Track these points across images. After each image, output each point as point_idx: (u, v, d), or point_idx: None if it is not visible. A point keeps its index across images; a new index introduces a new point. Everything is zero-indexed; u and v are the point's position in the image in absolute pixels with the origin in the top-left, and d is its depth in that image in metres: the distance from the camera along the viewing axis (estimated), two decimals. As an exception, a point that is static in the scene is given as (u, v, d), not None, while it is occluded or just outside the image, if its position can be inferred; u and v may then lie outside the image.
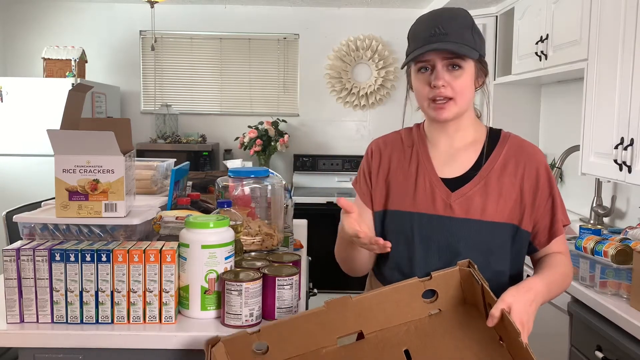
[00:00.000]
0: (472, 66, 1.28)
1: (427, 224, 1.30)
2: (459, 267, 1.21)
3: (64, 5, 4.49)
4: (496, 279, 1.27)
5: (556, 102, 3.43)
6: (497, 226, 1.27)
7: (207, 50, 4.60)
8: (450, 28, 1.24)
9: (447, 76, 1.25)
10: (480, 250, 1.27)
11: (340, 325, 1.17)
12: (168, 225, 1.53)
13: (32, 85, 3.75)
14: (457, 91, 1.26)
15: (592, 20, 2.30)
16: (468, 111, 1.33)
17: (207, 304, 1.35)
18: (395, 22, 4.50)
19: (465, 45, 1.24)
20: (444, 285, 1.21)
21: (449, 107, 1.27)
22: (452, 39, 1.23)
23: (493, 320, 1.10)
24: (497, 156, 1.32)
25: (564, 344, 2.04)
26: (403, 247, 1.32)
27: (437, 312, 1.21)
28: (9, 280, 1.32)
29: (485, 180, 1.30)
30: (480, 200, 1.28)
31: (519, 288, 1.16)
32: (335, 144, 4.63)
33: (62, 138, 1.43)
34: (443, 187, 1.31)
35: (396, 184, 1.37)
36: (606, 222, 2.75)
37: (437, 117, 1.29)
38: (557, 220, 1.31)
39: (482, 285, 1.15)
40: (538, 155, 1.33)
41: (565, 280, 1.30)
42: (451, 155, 1.35)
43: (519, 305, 1.12)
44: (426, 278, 1.20)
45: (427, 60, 1.26)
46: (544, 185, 1.31)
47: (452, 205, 1.29)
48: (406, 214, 1.32)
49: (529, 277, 1.25)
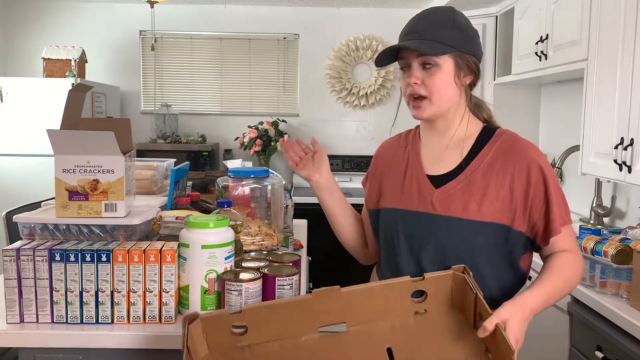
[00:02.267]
0: (449, 63, 1.27)
1: (409, 221, 1.31)
2: (453, 271, 1.19)
3: (64, 5, 4.49)
4: (479, 280, 1.23)
5: (556, 102, 3.43)
6: (481, 225, 1.24)
7: (207, 50, 4.60)
8: (423, 26, 1.26)
9: (421, 74, 1.27)
10: (461, 249, 1.26)
11: (324, 316, 1.15)
12: (168, 225, 1.53)
13: (32, 85, 3.75)
14: (431, 89, 1.27)
15: (592, 20, 2.30)
16: (457, 108, 1.33)
17: (207, 304, 1.35)
18: (395, 22, 4.48)
19: (437, 42, 1.24)
20: (434, 287, 1.19)
21: (424, 106, 1.29)
22: (422, 37, 1.24)
23: (485, 332, 1.08)
24: (485, 154, 1.30)
25: (564, 344, 2.04)
26: (390, 243, 1.35)
27: (423, 312, 1.20)
28: (9, 280, 1.32)
29: (470, 179, 1.28)
30: (461, 198, 1.26)
31: (515, 304, 1.14)
32: (335, 144, 4.63)
33: (62, 138, 1.43)
34: (428, 183, 1.31)
35: (387, 182, 1.40)
36: (606, 222, 2.75)
37: (415, 116, 1.33)
38: (553, 219, 1.25)
39: (476, 294, 1.14)
40: (529, 153, 1.28)
41: (569, 285, 1.26)
42: (440, 153, 1.35)
43: (514, 322, 1.11)
44: (419, 278, 1.19)
45: (403, 58, 1.30)
46: (537, 183, 1.25)
47: (433, 202, 1.28)
48: (392, 210, 1.35)
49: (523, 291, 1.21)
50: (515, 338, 1.10)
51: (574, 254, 1.29)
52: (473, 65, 1.30)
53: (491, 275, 1.27)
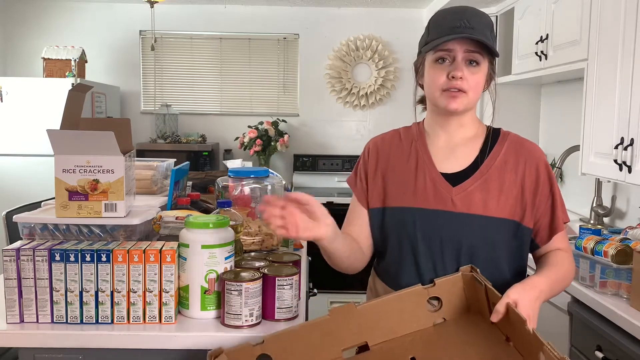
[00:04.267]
0: (486, 65, 1.30)
1: (428, 219, 1.30)
2: (462, 272, 1.21)
3: (64, 5, 4.49)
4: (499, 275, 1.28)
5: (556, 102, 3.43)
6: (499, 222, 1.28)
7: (207, 50, 4.60)
8: (476, 23, 1.25)
9: (465, 70, 1.27)
10: (483, 246, 1.28)
11: (345, 336, 1.17)
12: (168, 225, 1.53)
13: (32, 85, 3.75)
14: (472, 86, 1.28)
15: (592, 20, 2.30)
16: (472, 108, 1.35)
17: (207, 304, 1.35)
18: (395, 22, 4.50)
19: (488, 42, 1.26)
20: (447, 292, 1.21)
21: (461, 98, 1.28)
22: (477, 33, 1.24)
23: (498, 315, 1.11)
24: (497, 153, 1.33)
25: (564, 344, 2.04)
26: (406, 243, 1.32)
27: (441, 322, 1.21)
28: (9, 280, 1.32)
29: (486, 177, 1.30)
30: (481, 196, 1.28)
31: (524, 285, 1.18)
32: (335, 144, 4.63)
33: (62, 138, 1.43)
34: (444, 182, 1.31)
35: (395, 180, 1.36)
36: (606, 222, 2.75)
37: (448, 106, 1.29)
38: (557, 217, 1.32)
39: (485, 286, 1.15)
40: (538, 153, 1.35)
41: (567, 278, 1.31)
42: (451, 151, 1.35)
43: (524, 301, 1.14)
44: (429, 285, 1.20)
45: (448, 50, 1.26)
46: (544, 182, 1.32)
47: (453, 200, 1.29)
48: (407, 209, 1.32)
49: (529, 276, 1.25)
50: (527, 314, 1.11)
51: (568, 253, 1.36)
52: (492, 71, 1.34)
53: (510, 270, 1.32)
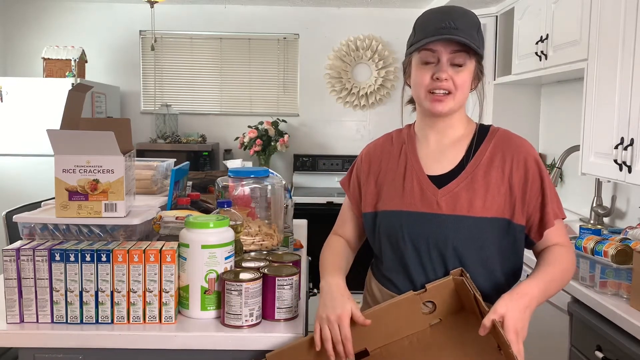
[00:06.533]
0: (473, 65, 1.29)
1: (415, 222, 1.30)
2: (452, 276, 1.22)
3: (64, 5, 4.49)
4: (491, 276, 1.28)
5: (556, 102, 3.43)
6: (487, 221, 1.26)
7: (207, 50, 4.60)
8: (461, 24, 1.25)
9: (450, 71, 1.26)
10: (470, 247, 1.27)
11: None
12: (168, 225, 1.53)
13: (32, 85, 3.74)
14: (457, 86, 1.28)
15: (592, 20, 2.30)
16: (460, 109, 1.35)
17: (207, 304, 1.35)
18: (395, 22, 4.50)
19: (473, 42, 1.26)
20: (439, 295, 1.22)
21: (446, 101, 1.28)
22: (461, 34, 1.24)
23: (484, 330, 1.11)
24: (484, 151, 1.33)
25: (564, 344, 2.04)
26: (395, 245, 1.33)
27: (437, 322, 1.23)
28: (9, 280, 1.32)
29: (472, 176, 1.30)
30: (466, 196, 1.27)
31: (513, 295, 1.16)
32: (335, 144, 4.63)
33: (62, 138, 1.43)
34: (430, 184, 1.31)
35: (386, 184, 1.38)
36: (606, 222, 2.75)
37: (433, 109, 1.30)
38: (547, 212, 1.28)
39: (474, 295, 1.16)
40: (525, 147, 1.32)
41: (565, 274, 1.29)
42: (440, 152, 1.36)
43: (513, 313, 1.12)
44: (421, 291, 1.22)
45: (433, 50, 1.26)
46: (534, 177, 1.29)
47: (439, 202, 1.29)
48: (394, 212, 1.33)
49: (521, 282, 1.24)
50: (516, 330, 1.10)
51: (567, 247, 1.33)
52: (482, 72, 1.34)
53: (500, 269, 1.30)
